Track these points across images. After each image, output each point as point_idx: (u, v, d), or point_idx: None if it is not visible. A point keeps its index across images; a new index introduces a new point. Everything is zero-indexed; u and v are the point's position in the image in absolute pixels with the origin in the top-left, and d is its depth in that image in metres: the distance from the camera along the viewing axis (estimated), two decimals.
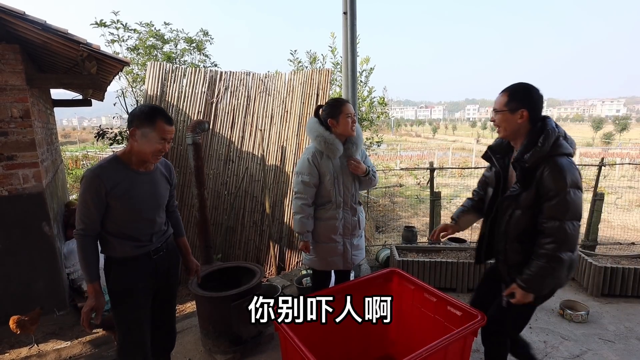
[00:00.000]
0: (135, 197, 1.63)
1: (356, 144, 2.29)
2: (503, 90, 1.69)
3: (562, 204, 1.52)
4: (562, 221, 1.53)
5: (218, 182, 4.38)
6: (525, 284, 1.61)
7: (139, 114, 1.58)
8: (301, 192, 2.23)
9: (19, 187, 2.87)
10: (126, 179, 1.61)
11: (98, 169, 1.57)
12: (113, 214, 1.61)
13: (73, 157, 14.78)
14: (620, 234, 6.21)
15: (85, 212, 1.57)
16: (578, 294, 3.32)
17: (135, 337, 1.73)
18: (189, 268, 2.03)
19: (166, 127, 1.60)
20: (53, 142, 4.21)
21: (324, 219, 2.28)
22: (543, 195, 1.56)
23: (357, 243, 2.43)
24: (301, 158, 2.28)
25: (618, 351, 2.52)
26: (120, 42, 5.84)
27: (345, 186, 2.28)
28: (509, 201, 1.69)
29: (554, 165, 1.53)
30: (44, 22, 2.50)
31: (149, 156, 1.61)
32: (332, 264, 2.36)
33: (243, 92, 4.33)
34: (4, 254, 2.88)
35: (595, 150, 22.49)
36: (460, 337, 1.60)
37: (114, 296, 1.69)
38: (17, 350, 2.65)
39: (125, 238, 1.66)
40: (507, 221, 1.70)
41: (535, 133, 1.61)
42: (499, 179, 1.80)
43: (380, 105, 7.45)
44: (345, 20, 3.12)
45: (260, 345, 2.60)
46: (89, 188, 1.54)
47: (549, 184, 1.53)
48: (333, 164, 2.23)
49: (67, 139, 39.70)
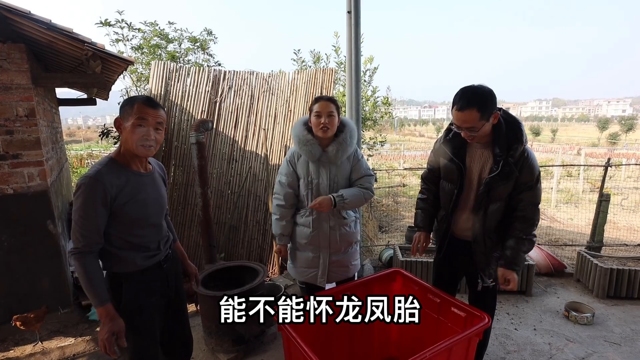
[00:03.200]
0: (140, 202, 1.48)
1: (339, 147, 2.02)
2: (463, 106, 1.61)
3: (539, 190, 1.75)
4: (537, 204, 1.76)
5: (221, 182, 4.39)
6: (515, 265, 1.78)
7: (122, 105, 1.46)
8: (277, 192, 2.17)
9: (24, 185, 2.89)
10: (129, 182, 1.46)
11: (97, 174, 1.38)
12: (117, 223, 1.44)
13: (78, 155, 14.90)
14: (626, 235, 6.15)
15: (86, 225, 1.37)
16: (583, 296, 3.30)
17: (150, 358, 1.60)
18: (189, 273, 1.91)
19: (145, 108, 1.42)
20: (58, 141, 4.24)
21: (298, 224, 2.19)
22: (521, 184, 1.72)
23: (337, 259, 2.19)
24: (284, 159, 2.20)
25: (624, 354, 2.49)
26: (125, 41, 5.87)
27: (321, 193, 2.06)
28: (488, 194, 1.78)
29: (528, 157, 1.71)
30: (49, 21, 2.50)
31: (133, 146, 1.42)
32: (308, 276, 2.21)
33: (247, 91, 4.33)
34: (9, 252, 2.90)
35: (601, 151, 22.32)
36: (464, 338, 1.59)
37: (126, 317, 1.46)
38: (21, 348, 2.66)
39: (134, 249, 1.51)
40: (484, 214, 1.81)
41: (509, 126, 1.72)
42: (460, 173, 1.85)
43: (384, 105, 7.42)
44: (349, 19, 3.10)
45: (263, 345, 2.60)
46: (91, 196, 1.35)
47: (528, 175, 1.71)
48: (309, 167, 2.06)
49: (72, 137, 40.00)
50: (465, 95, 1.62)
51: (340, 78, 6.81)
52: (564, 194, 9.63)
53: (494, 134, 1.74)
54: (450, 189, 1.91)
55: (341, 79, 6.83)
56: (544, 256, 3.72)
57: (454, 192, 1.89)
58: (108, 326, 1.38)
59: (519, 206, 1.76)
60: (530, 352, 2.52)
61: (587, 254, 3.51)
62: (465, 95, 1.62)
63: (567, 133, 55.26)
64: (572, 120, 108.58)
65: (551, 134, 46.69)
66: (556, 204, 8.70)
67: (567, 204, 8.79)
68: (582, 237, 5.31)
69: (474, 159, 1.83)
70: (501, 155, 1.70)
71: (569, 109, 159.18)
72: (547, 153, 22.25)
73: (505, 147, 1.70)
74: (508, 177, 1.71)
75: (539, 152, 24.07)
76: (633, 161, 14.15)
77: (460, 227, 1.96)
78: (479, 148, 1.81)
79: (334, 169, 2.09)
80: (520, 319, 2.93)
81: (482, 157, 1.81)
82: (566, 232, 6.29)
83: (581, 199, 9.10)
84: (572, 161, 16.11)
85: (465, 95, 1.62)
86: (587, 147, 24.84)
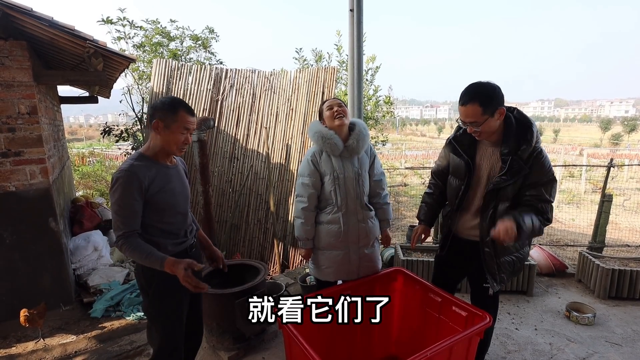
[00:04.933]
0: (169, 192, 1.61)
1: (358, 138, 2.08)
2: (466, 101, 1.65)
3: (552, 189, 1.72)
4: (550, 202, 1.73)
5: (223, 180, 4.39)
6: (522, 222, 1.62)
7: (160, 106, 1.55)
8: (301, 194, 2.11)
9: (26, 182, 2.89)
10: (159, 174, 1.58)
11: (132, 167, 1.51)
12: (150, 211, 1.56)
13: (79, 154, 14.92)
14: (628, 236, 6.13)
15: (128, 214, 1.49)
16: (585, 296, 3.29)
17: (175, 341, 1.68)
18: (216, 257, 1.94)
19: (188, 117, 1.57)
20: (60, 139, 4.24)
21: (325, 222, 2.12)
22: (533, 183, 1.70)
23: (368, 252, 2.17)
24: (303, 160, 2.19)
25: (625, 354, 2.48)
26: (127, 39, 5.89)
27: (348, 187, 2.08)
28: (496, 193, 1.76)
29: (540, 155, 1.70)
30: (51, 18, 2.51)
31: (173, 148, 1.59)
32: (336, 274, 2.17)
33: (248, 89, 4.33)
34: (11, 249, 2.90)
35: (604, 152, 22.25)
36: (465, 337, 1.59)
37: (157, 299, 1.62)
38: (23, 345, 2.67)
39: (165, 235, 1.62)
40: (493, 213, 1.79)
41: (519, 126, 1.71)
42: (468, 169, 1.84)
43: (386, 104, 7.42)
44: (351, 17, 3.10)
45: (264, 342, 2.60)
46: (129, 188, 1.48)
47: (541, 172, 1.69)
48: (334, 162, 2.06)
49: (74, 136, 40.08)
50: (469, 90, 1.66)
51: (342, 77, 6.81)
52: (566, 195, 9.61)
53: (503, 132, 1.73)
54: (457, 185, 1.91)
55: (343, 77, 6.83)
56: (545, 256, 3.71)
57: (460, 189, 1.88)
58: (179, 269, 1.44)
59: (529, 201, 1.71)
60: (531, 352, 2.51)
61: (588, 254, 3.50)
62: (468, 90, 1.66)
63: (569, 133, 55.12)
64: (574, 121, 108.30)
65: (553, 135, 46.57)
66: (558, 205, 8.69)
67: (569, 204, 8.77)
68: (583, 237, 5.30)
69: (484, 157, 1.82)
70: (508, 155, 1.70)
71: (572, 109, 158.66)
72: (550, 153, 22.08)
73: (514, 147, 1.69)
74: (516, 175, 1.69)
75: None
76: (635, 162, 14.10)
77: (464, 226, 1.95)
78: (490, 146, 1.80)
79: (356, 162, 2.12)
80: (522, 319, 2.93)
81: (492, 155, 1.79)
82: (568, 232, 6.28)
83: (583, 199, 9.08)
84: (574, 162, 16.07)
85: (468, 90, 1.66)
86: (590, 148, 24.77)
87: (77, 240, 3.59)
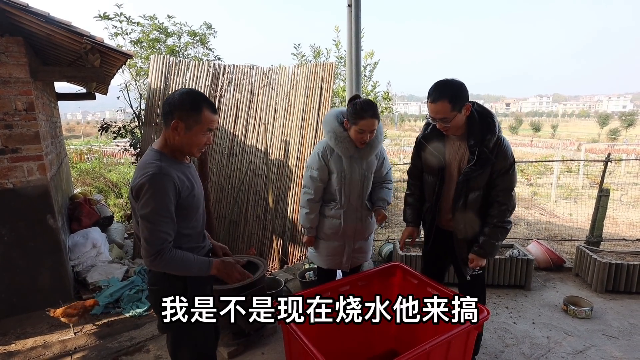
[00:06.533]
0: (193, 192, 1.46)
1: (372, 145, 2.11)
2: (436, 98, 1.72)
3: (513, 175, 1.83)
4: (512, 190, 1.85)
5: (221, 176, 4.39)
6: (488, 254, 1.89)
7: (179, 104, 1.35)
8: (308, 186, 2.21)
9: (23, 179, 2.88)
10: (183, 174, 1.42)
11: (164, 169, 1.32)
12: (180, 218, 1.39)
13: (77, 150, 14.88)
14: (625, 230, 6.16)
15: (169, 220, 1.32)
16: (582, 290, 3.31)
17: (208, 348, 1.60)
18: (225, 252, 1.80)
19: (212, 117, 1.39)
20: (57, 136, 4.23)
21: (327, 216, 2.25)
22: (497, 170, 1.80)
23: (359, 246, 2.33)
24: (313, 151, 2.23)
25: (622, 347, 2.51)
26: (124, 35, 5.84)
27: (352, 188, 2.17)
28: (467, 183, 1.84)
29: (502, 144, 1.78)
30: (48, 14, 2.49)
31: (194, 150, 1.42)
32: (332, 263, 2.33)
33: (246, 85, 4.32)
34: (10, 247, 2.90)
35: (601, 147, 22.29)
36: (463, 331, 1.60)
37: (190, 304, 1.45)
38: (22, 341, 2.68)
39: (186, 241, 1.47)
40: (464, 203, 1.87)
41: (482, 119, 1.78)
42: (440, 165, 1.93)
43: (384, 100, 7.41)
44: (349, 13, 3.08)
45: (263, 338, 2.62)
46: (166, 192, 1.30)
47: (503, 161, 1.79)
48: (343, 163, 2.12)
49: (72, 133, 39.91)
50: (438, 88, 1.73)
51: (340, 73, 6.79)
52: (563, 190, 9.63)
53: (468, 126, 1.81)
54: (432, 181, 2.00)
55: (341, 73, 6.82)
56: (543, 251, 3.73)
57: (436, 184, 1.97)
58: (228, 267, 1.44)
59: (493, 191, 1.85)
60: (529, 346, 2.54)
61: (586, 248, 3.52)
62: (437, 88, 1.73)
63: (567, 129, 55.15)
64: (572, 116, 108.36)
65: (551, 130, 46.60)
66: (556, 200, 8.71)
67: (566, 199, 8.80)
68: (581, 232, 5.32)
69: (452, 151, 1.91)
70: (475, 146, 1.78)
71: (570, 105, 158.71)
72: (547, 149, 22.22)
73: (479, 138, 1.77)
74: (485, 165, 1.78)
75: (539, 147, 24.04)
76: (633, 157, 14.15)
77: (445, 218, 2.04)
78: (456, 140, 1.88)
79: (364, 164, 2.18)
80: (519, 313, 2.95)
81: (459, 149, 1.88)
82: (565, 227, 6.30)
83: (581, 194, 9.09)
84: (572, 157, 16.10)
85: (437, 88, 1.73)
86: (587, 143, 24.80)
87: (76, 237, 3.59)
